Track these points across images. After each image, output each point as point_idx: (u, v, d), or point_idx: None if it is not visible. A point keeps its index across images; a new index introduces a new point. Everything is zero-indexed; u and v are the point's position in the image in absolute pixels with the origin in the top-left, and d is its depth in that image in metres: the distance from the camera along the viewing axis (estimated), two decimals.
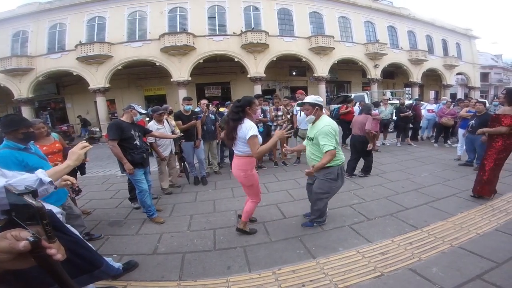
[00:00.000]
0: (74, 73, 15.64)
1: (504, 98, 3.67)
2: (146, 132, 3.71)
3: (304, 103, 2.89)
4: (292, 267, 2.32)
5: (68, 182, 1.64)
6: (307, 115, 2.87)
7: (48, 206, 1.57)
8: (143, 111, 3.51)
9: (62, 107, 19.29)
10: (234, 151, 2.76)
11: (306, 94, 6.33)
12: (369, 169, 5.11)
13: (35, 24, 16.03)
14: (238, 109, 2.63)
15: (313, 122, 2.87)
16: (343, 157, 2.88)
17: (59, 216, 1.74)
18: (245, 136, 2.53)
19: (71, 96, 18.61)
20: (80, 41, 15.24)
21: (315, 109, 2.81)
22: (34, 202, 0.69)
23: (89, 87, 15.54)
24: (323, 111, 2.97)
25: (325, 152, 2.62)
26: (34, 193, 0.75)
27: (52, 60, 15.76)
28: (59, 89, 18.80)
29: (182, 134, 4.44)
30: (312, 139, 2.84)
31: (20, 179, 1.27)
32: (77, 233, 1.79)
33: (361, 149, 5.02)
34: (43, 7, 15.98)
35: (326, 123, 2.73)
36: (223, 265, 2.43)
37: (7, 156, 1.97)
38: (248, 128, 2.54)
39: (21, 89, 15.66)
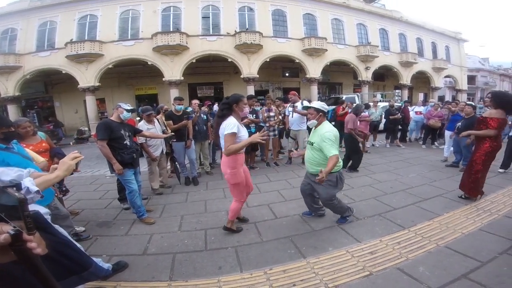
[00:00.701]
0: (63, 72, 15.37)
1: (490, 101, 3.77)
2: (136, 132, 3.68)
3: (310, 107, 2.96)
4: (283, 267, 2.33)
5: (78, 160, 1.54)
6: (310, 119, 2.94)
7: (34, 207, 1.54)
8: (130, 108, 3.42)
9: (50, 105, 18.91)
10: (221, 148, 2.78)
11: (299, 95, 6.38)
12: (355, 167, 5.37)
13: (25, 22, 15.71)
14: (225, 106, 2.68)
15: (315, 127, 2.95)
16: (341, 163, 2.98)
17: (47, 217, 1.71)
18: (223, 133, 2.57)
19: (60, 95, 18.29)
20: (71, 40, 14.97)
21: (319, 115, 2.88)
22: (16, 194, 0.70)
23: (79, 86, 15.29)
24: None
25: (330, 157, 2.66)
26: (18, 186, 0.75)
27: (41, 58, 15.45)
28: (47, 88, 18.44)
29: (173, 133, 4.41)
30: (312, 144, 2.89)
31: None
32: (65, 234, 1.76)
33: (348, 146, 5.52)
34: (33, 4, 15.66)
35: (329, 129, 2.80)
36: (214, 265, 2.42)
37: None
38: (227, 124, 2.57)
39: (8, 87, 15.28)
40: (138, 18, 15.90)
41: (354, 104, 7.05)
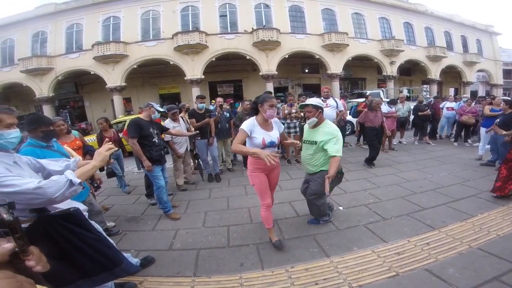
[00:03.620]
0: (92, 72, 16.12)
1: None
2: (163, 130, 3.80)
3: (308, 105, 2.78)
4: (305, 265, 2.32)
5: (112, 151, 1.60)
6: (309, 118, 2.78)
7: (74, 204, 1.63)
8: (161, 109, 3.61)
9: (80, 105, 19.96)
10: None
11: (320, 92, 6.29)
12: (370, 161, 5.50)
13: (53, 25, 16.59)
14: (252, 105, 2.65)
15: (314, 126, 2.81)
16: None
17: (85, 213, 1.79)
18: None
19: (89, 95, 19.20)
20: (98, 41, 15.65)
21: (318, 112, 2.73)
22: (5, 216, 0.67)
23: (106, 86, 15.99)
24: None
25: (333, 158, 2.55)
26: (10, 206, 0.73)
27: (71, 59, 16.28)
28: (77, 88, 19.42)
29: (197, 131, 4.52)
30: (315, 143, 2.74)
31: (51, 181, 1.29)
32: (101, 230, 1.84)
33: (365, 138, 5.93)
34: (59, 7, 16.51)
35: (335, 128, 2.70)
36: (236, 262, 2.46)
37: (29, 153, 2.05)
38: (245, 122, 2.54)
39: (42, 88, 16.29)
40: (159, 19, 16.31)
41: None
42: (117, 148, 1.62)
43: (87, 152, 3.29)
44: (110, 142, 1.63)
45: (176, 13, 16.21)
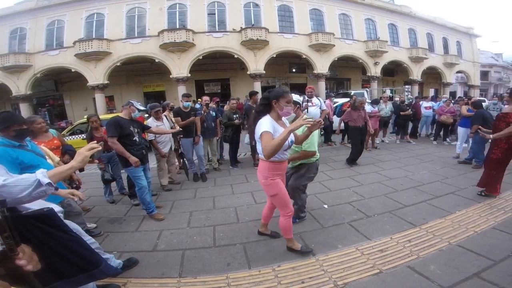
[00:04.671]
0: (73, 70, 15.62)
1: (509, 97, 3.73)
2: (145, 129, 3.71)
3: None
4: (291, 264, 2.33)
5: (75, 198, 1.54)
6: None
7: (48, 204, 1.56)
8: (142, 108, 3.49)
9: (60, 103, 19.28)
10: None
11: (305, 91, 6.34)
12: (353, 161, 5.55)
13: (33, 21, 15.95)
14: (264, 101, 2.28)
15: (293, 121, 2.83)
16: (315, 159, 2.92)
17: (60, 215, 1.72)
18: (258, 133, 2.13)
19: (69, 93, 18.59)
20: (82, 37, 15.16)
21: (296, 108, 2.76)
22: None
23: (88, 84, 15.51)
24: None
25: (305, 151, 2.69)
26: (2, 203, 0.70)
27: (51, 57, 15.71)
28: (57, 86, 18.77)
29: (181, 129, 4.43)
30: None
31: (19, 179, 1.24)
32: (79, 231, 1.78)
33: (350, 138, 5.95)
34: (41, 3, 15.87)
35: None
36: (223, 262, 2.44)
37: (1, 154, 1.96)
38: (260, 123, 2.15)
39: (19, 86, 15.62)
40: (145, 16, 15.99)
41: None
42: (100, 148, 1.55)
43: (66, 151, 3.17)
44: (95, 142, 1.56)
45: (163, 11, 15.94)
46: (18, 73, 15.51)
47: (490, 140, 3.80)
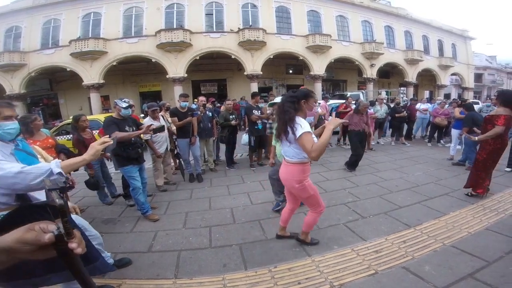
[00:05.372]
0: (68, 69, 15.49)
1: (496, 99, 3.80)
2: (139, 126, 3.64)
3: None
4: (288, 265, 2.33)
5: (106, 144, 1.55)
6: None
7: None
8: (125, 104, 3.24)
9: (55, 103, 19.10)
10: (283, 155, 2.40)
11: None
12: (349, 164, 5.29)
13: (29, 20, 15.82)
14: (293, 100, 2.21)
15: None
16: None
17: None
18: (297, 135, 2.08)
19: (64, 92, 18.43)
20: (78, 37, 15.04)
21: None
22: (57, 200, 0.70)
23: (83, 83, 15.39)
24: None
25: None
26: (62, 190, 0.72)
27: (46, 55, 15.58)
28: (52, 85, 18.61)
29: (162, 125, 4.17)
30: None
31: (34, 167, 1.30)
32: (82, 222, 1.78)
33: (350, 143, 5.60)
34: (38, 2, 15.73)
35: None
36: (219, 263, 2.43)
37: None
38: (300, 125, 2.11)
39: (13, 84, 15.48)
40: (142, 16, 15.92)
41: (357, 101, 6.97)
42: (112, 142, 1.57)
43: (60, 151, 3.14)
44: (107, 136, 1.60)
45: (161, 10, 15.89)
46: (12, 72, 15.36)
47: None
